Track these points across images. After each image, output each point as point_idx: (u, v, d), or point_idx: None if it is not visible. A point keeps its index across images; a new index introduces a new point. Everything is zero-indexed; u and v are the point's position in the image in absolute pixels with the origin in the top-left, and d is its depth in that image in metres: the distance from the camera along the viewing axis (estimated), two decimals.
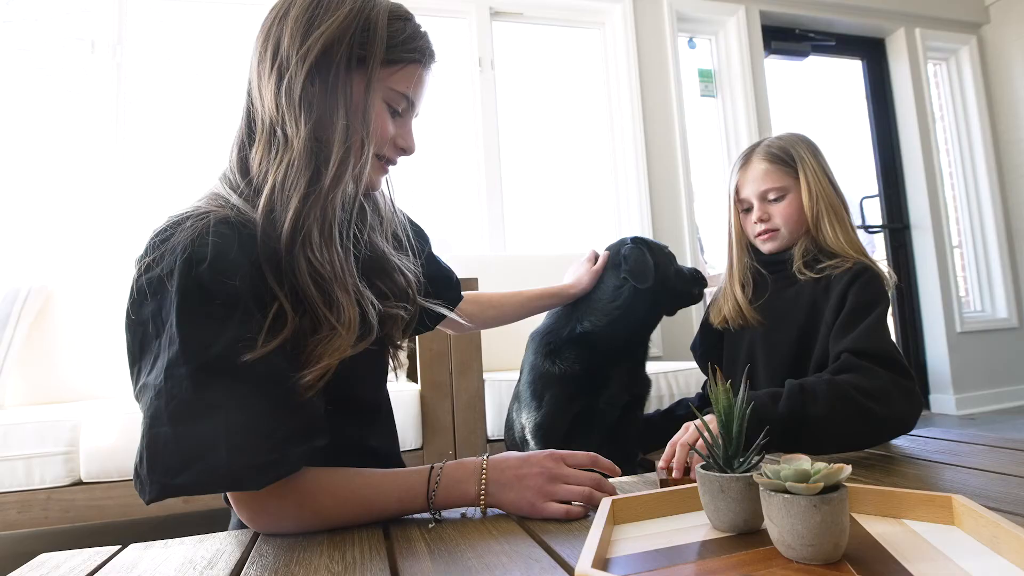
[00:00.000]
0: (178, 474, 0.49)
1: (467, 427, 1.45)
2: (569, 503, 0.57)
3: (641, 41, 2.85)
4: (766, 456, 0.53)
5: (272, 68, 0.57)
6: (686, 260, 2.77)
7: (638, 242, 1.12)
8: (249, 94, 0.60)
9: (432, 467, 0.59)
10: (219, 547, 0.55)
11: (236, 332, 0.51)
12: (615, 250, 1.12)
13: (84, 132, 2.10)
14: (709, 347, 1.07)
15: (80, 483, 1.25)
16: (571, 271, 1.16)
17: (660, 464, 0.68)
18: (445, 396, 1.45)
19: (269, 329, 0.53)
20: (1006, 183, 3.46)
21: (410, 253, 0.73)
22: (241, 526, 0.65)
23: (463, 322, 0.95)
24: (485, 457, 0.60)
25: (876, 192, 3.44)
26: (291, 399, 0.54)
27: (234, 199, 0.58)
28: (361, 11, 0.58)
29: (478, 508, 0.59)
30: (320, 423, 0.56)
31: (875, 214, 3.42)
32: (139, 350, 0.54)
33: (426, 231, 0.89)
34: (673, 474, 0.65)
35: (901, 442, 0.85)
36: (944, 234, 3.31)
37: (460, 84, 2.67)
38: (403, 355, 0.75)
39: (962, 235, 3.52)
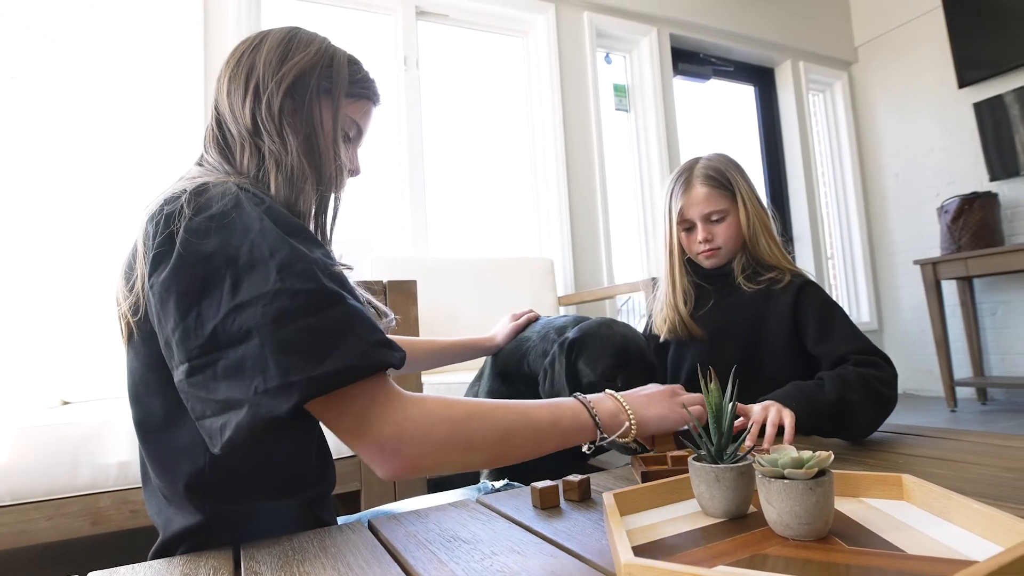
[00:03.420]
0: (320, 364, 0.47)
1: None
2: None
3: (563, 52, 2.95)
4: (756, 447, 0.59)
5: (248, 89, 0.64)
6: (600, 265, 2.89)
7: (573, 344, 0.96)
8: (217, 109, 0.67)
9: (575, 396, 0.65)
10: (198, 568, 0.52)
11: (321, 249, 0.56)
12: (563, 337, 1.00)
13: None
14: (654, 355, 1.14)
15: None
16: (499, 324, 1.22)
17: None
18: None
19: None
20: (870, 204, 3.95)
21: None
22: (164, 552, 0.60)
23: None
24: (608, 391, 0.68)
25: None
26: None
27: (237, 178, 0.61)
28: (327, 51, 0.68)
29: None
30: None
31: None
32: (203, 287, 0.51)
33: None
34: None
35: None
36: (821, 246, 3.72)
37: (384, 82, 2.62)
38: None
39: (834, 247, 3.97)
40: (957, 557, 0.39)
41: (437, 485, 1.59)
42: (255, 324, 0.48)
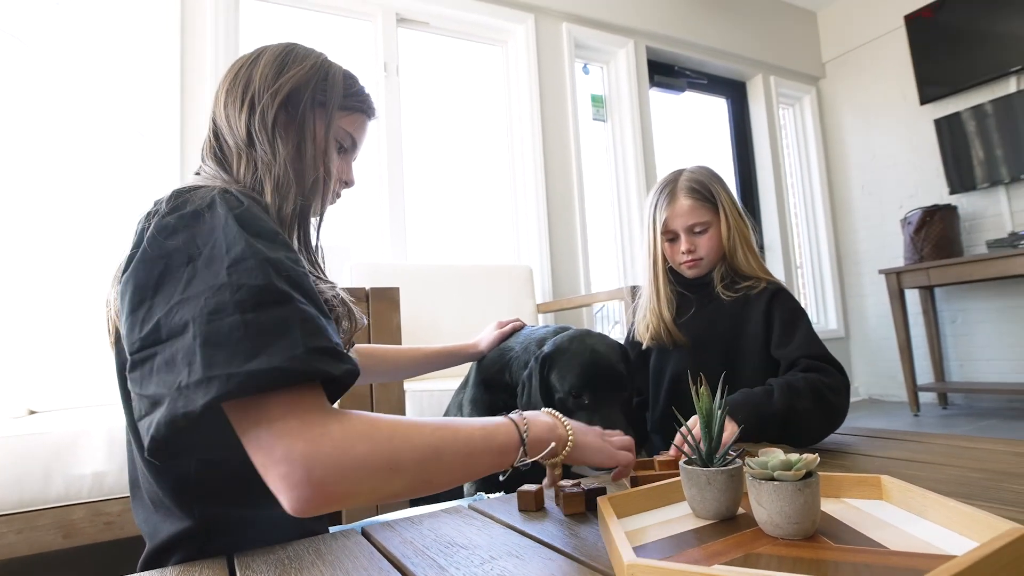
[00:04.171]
0: (248, 361, 0.44)
1: None
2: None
3: (541, 62, 2.98)
4: (744, 449, 0.61)
5: (244, 101, 0.65)
6: (577, 273, 2.92)
7: (546, 359, 0.97)
8: (215, 121, 0.68)
9: (508, 417, 0.59)
10: None
11: (288, 253, 0.54)
12: (540, 350, 1.02)
13: None
14: (635, 361, 1.16)
15: None
16: (484, 331, 1.23)
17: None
18: (365, 408, 1.41)
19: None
20: (837, 215, 4.08)
21: None
22: (153, 561, 0.58)
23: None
24: (548, 410, 0.65)
25: None
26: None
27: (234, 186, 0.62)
28: (322, 65, 0.70)
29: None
30: None
31: None
32: (159, 281, 0.49)
33: None
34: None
35: None
36: (791, 255, 3.82)
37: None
38: None
39: (803, 257, 4.09)
40: (937, 552, 0.42)
41: (418, 499, 1.58)
42: (192, 316, 0.46)
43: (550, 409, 0.64)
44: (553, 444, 0.59)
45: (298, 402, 0.46)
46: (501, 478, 0.59)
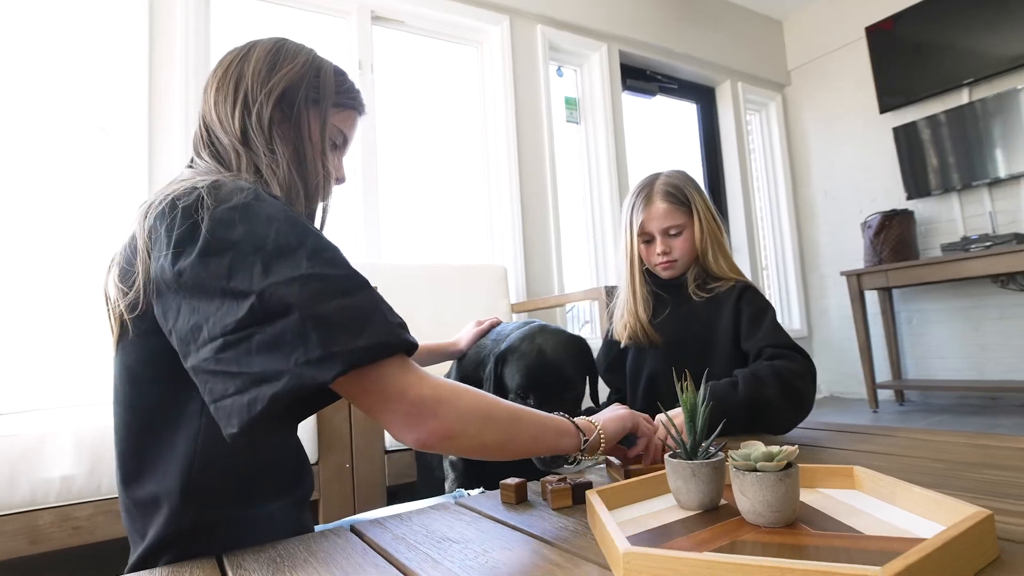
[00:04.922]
0: (357, 338, 0.51)
1: (365, 439, 1.42)
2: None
3: (516, 63, 3.00)
4: (727, 443, 0.63)
5: (236, 99, 0.65)
6: (551, 274, 2.95)
7: (500, 357, 0.99)
8: (205, 119, 0.67)
9: (559, 414, 0.68)
10: None
11: (332, 244, 0.58)
12: (506, 344, 1.05)
13: None
14: (613, 360, 1.18)
15: None
16: (464, 330, 1.26)
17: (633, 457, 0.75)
18: (342, 407, 1.41)
19: None
20: (801, 218, 4.21)
21: None
22: (143, 564, 0.58)
23: None
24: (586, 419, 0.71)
25: None
26: None
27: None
28: (314, 62, 0.70)
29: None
30: None
31: None
32: (231, 269, 0.52)
33: None
34: (650, 462, 0.73)
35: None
36: (757, 257, 3.93)
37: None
38: None
39: (768, 259, 4.20)
40: (908, 536, 0.44)
41: (395, 497, 1.58)
42: (293, 301, 0.50)
43: (584, 417, 0.69)
44: (602, 447, 0.69)
45: (403, 366, 0.54)
46: (568, 463, 0.69)
